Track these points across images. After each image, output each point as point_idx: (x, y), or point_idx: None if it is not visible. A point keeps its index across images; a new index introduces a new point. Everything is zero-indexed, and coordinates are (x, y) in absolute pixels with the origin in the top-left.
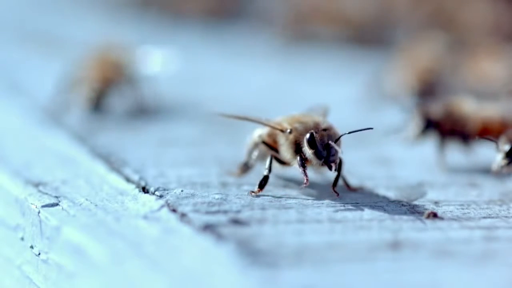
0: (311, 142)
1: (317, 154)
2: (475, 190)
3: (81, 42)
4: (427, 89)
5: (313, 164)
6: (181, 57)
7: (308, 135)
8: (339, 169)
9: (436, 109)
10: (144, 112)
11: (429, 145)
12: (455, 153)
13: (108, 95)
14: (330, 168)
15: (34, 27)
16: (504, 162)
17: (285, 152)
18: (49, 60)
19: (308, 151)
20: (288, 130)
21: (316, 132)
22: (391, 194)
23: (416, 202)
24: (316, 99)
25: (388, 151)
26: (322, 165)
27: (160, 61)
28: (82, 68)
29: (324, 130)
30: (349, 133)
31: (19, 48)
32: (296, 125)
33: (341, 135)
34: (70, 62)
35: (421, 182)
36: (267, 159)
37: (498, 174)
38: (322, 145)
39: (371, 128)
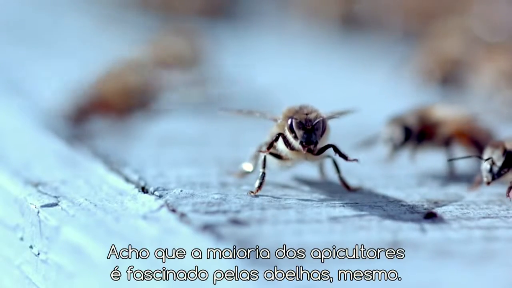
0: (290, 126)
1: (296, 137)
2: (474, 190)
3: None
4: (448, 79)
5: (296, 148)
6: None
7: (288, 121)
8: (337, 169)
9: (411, 118)
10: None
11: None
12: (455, 153)
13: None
14: (309, 151)
15: (33, 26)
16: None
17: (280, 143)
18: (49, 60)
19: (289, 136)
20: (279, 120)
21: (296, 117)
22: (391, 194)
23: (415, 202)
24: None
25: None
26: (304, 149)
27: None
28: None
29: (306, 114)
30: (331, 117)
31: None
32: (287, 113)
33: (322, 119)
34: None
35: (420, 182)
36: (261, 157)
37: (492, 184)
38: (301, 129)
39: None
